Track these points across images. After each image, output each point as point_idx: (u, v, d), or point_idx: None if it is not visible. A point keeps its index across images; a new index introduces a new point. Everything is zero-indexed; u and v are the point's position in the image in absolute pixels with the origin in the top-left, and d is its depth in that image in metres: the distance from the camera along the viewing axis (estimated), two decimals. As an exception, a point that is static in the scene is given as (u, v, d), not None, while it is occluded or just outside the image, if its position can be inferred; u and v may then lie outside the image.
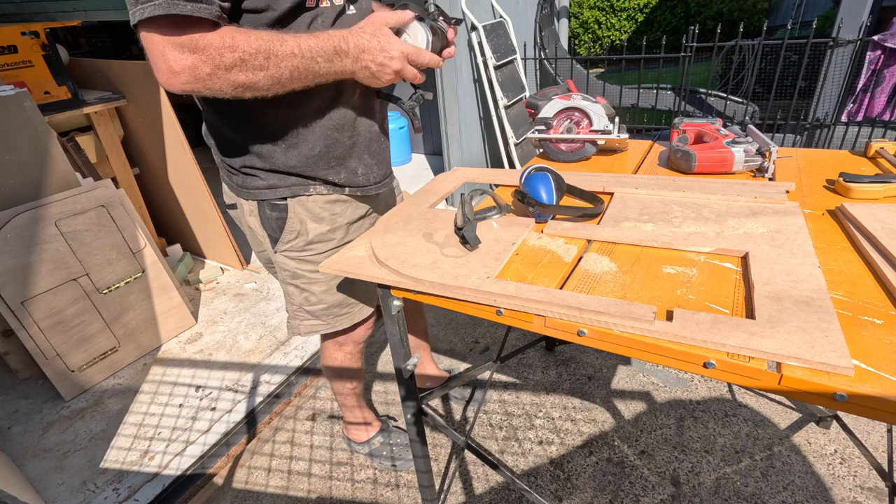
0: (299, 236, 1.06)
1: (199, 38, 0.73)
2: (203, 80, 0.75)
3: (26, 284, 1.74)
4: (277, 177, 1.00)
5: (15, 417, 1.84)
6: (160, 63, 0.74)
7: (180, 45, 0.72)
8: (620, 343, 0.67)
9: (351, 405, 1.51)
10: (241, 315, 2.37)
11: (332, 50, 0.81)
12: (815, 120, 3.20)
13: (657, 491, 1.43)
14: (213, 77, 0.75)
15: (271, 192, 1.01)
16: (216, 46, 0.73)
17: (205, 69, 0.74)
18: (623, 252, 0.86)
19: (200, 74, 0.74)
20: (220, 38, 0.74)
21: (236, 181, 1.04)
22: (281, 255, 1.09)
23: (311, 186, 1.03)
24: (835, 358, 0.56)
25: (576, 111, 1.35)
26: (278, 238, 1.06)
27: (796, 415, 1.63)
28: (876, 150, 1.18)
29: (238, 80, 0.77)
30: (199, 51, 0.73)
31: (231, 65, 0.75)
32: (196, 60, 0.73)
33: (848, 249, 0.82)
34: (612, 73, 7.61)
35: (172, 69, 0.74)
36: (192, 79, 0.75)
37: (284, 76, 0.79)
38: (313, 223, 1.05)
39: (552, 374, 1.89)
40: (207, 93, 0.78)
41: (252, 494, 1.53)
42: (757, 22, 8.04)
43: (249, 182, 1.01)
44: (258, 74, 0.77)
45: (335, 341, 1.30)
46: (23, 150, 1.77)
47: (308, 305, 1.17)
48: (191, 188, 2.46)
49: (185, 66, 0.73)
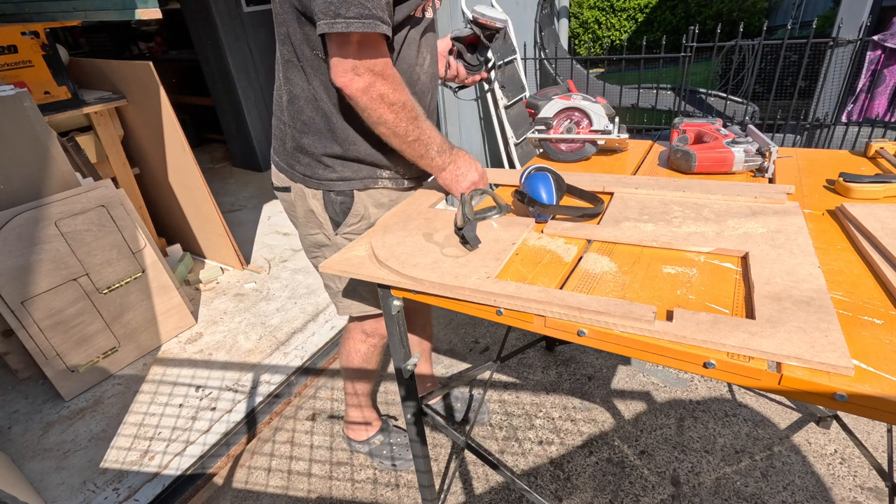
0: (363, 220, 1.13)
1: (385, 66, 0.88)
2: (370, 98, 0.88)
3: (26, 284, 1.74)
4: (352, 169, 1.08)
5: (15, 417, 1.84)
6: (344, 64, 0.86)
7: (372, 65, 0.86)
8: (620, 343, 0.67)
9: (356, 404, 1.51)
10: (241, 315, 2.37)
11: (442, 142, 1.02)
12: (815, 120, 3.20)
13: (657, 491, 1.43)
14: (376, 101, 0.89)
15: (344, 183, 1.09)
16: (395, 82, 0.89)
17: (377, 91, 0.88)
18: (623, 252, 0.86)
19: (372, 93, 0.88)
20: (398, 77, 0.90)
21: (301, 171, 1.09)
22: (342, 237, 1.15)
23: (380, 180, 1.11)
24: (835, 358, 0.56)
25: (576, 111, 1.35)
26: (341, 221, 1.13)
27: (796, 415, 1.63)
28: (876, 150, 1.18)
29: (387, 118, 0.91)
30: (380, 75, 0.87)
31: (394, 102, 0.90)
32: (376, 81, 0.87)
33: (848, 249, 0.82)
34: (612, 73, 7.61)
35: (354, 76, 0.86)
36: (362, 91, 0.87)
37: (410, 138, 0.95)
38: (375, 208, 1.14)
39: (552, 374, 1.89)
40: (358, 106, 0.90)
41: (252, 494, 1.53)
42: (757, 22, 8.04)
43: (320, 173, 1.08)
44: (402, 124, 0.93)
45: (363, 331, 1.32)
46: (23, 150, 1.77)
47: (361, 287, 1.20)
48: (191, 188, 2.46)
49: (367, 82, 0.87)
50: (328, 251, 1.19)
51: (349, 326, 1.36)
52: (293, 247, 3.00)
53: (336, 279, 1.23)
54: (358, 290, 1.22)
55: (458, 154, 1.05)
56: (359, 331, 1.33)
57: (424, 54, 1.05)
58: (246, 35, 3.84)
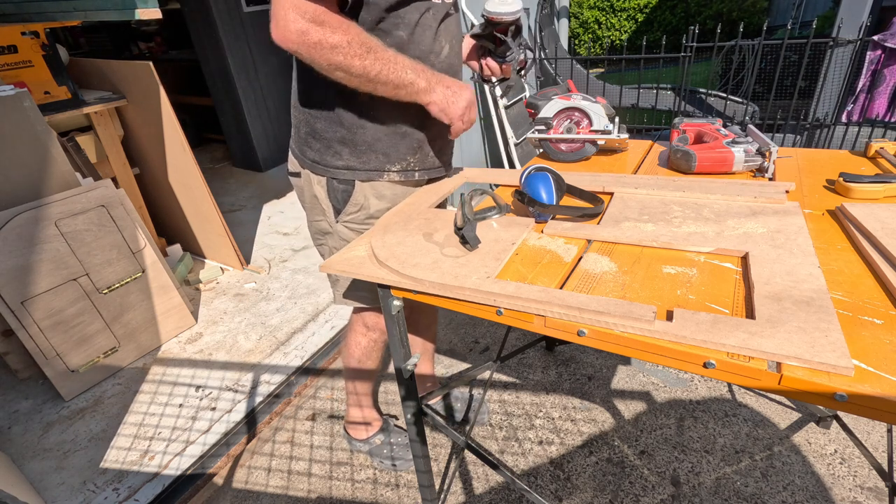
0: (362, 209, 1.12)
1: (322, 13, 0.83)
2: (308, 46, 0.84)
3: (26, 284, 1.73)
4: (361, 159, 1.06)
5: (15, 417, 1.84)
6: (280, 19, 0.83)
7: (303, 12, 0.82)
8: (620, 343, 0.67)
9: (357, 403, 1.52)
10: (241, 315, 2.37)
11: (421, 69, 0.93)
12: (815, 120, 3.20)
13: (657, 491, 1.43)
14: (318, 47, 0.84)
15: (349, 172, 1.08)
16: (332, 24, 0.84)
17: (313, 37, 0.83)
18: (623, 252, 0.86)
19: (308, 41, 0.83)
20: (339, 20, 0.84)
21: (311, 156, 1.09)
22: (342, 226, 1.15)
23: (387, 173, 1.09)
24: (835, 358, 0.56)
25: (576, 111, 1.35)
26: (342, 209, 1.12)
27: (796, 415, 1.63)
28: (876, 150, 1.18)
29: (335, 60, 0.86)
30: (316, 21, 0.83)
31: (335, 44, 0.84)
32: (310, 27, 0.82)
33: (848, 249, 0.82)
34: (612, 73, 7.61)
35: (287, 27, 0.83)
36: (299, 41, 0.84)
37: (373, 72, 0.89)
38: (375, 199, 1.12)
39: (552, 374, 1.89)
40: (304, 58, 0.87)
41: (252, 494, 1.53)
42: (757, 22, 8.04)
43: (328, 160, 1.07)
44: (354, 61, 0.87)
45: (365, 324, 1.32)
46: (23, 150, 1.77)
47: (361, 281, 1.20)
48: (191, 188, 2.46)
49: (299, 28, 0.82)
50: (330, 239, 1.20)
51: (352, 318, 1.37)
52: (293, 247, 3.00)
53: None
54: (358, 283, 1.22)
55: (443, 75, 0.98)
56: (360, 323, 1.34)
57: (443, 43, 1.04)
58: (246, 35, 3.84)
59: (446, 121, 1.01)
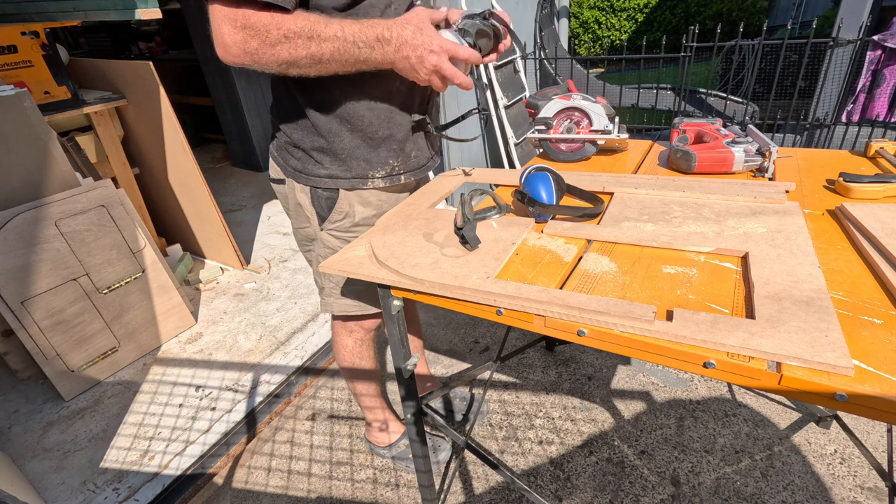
0: (346, 217, 1.10)
1: (250, 15, 0.78)
2: (251, 55, 0.81)
3: (26, 284, 1.74)
4: (342, 166, 1.04)
5: (15, 417, 1.84)
6: (217, 36, 0.80)
7: (233, 20, 0.79)
8: (620, 343, 0.67)
9: (370, 406, 1.50)
10: (241, 315, 2.37)
11: (374, 37, 0.83)
12: (815, 120, 3.20)
13: (657, 491, 1.43)
14: (260, 52, 0.81)
15: (332, 181, 1.05)
16: (263, 23, 0.79)
17: (252, 44, 0.80)
18: (623, 252, 0.86)
19: (249, 49, 0.80)
20: (270, 16, 0.79)
21: (294, 165, 1.07)
22: (326, 234, 1.13)
23: (371, 180, 1.07)
24: (835, 358, 0.56)
25: (576, 111, 1.35)
26: (326, 217, 1.10)
27: (796, 415, 1.63)
28: (876, 150, 1.18)
29: (281, 57, 0.82)
30: (248, 27, 0.79)
31: (275, 41, 0.80)
32: (245, 36, 0.79)
33: (848, 249, 0.82)
34: (612, 73, 7.61)
35: (225, 42, 0.80)
36: (241, 52, 0.81)
37: (325, 56, 0.83)
38: (361, 206, 1.10)
39: (552, 374, 1.89)
40: (256, 67, 0.84)
41: (252, 494, 1.53)
42: (757, 22, 8.05)
43: (311, 169, 1.05)
44: (300, 52, 0.82)
45: (345, 327, 1.31)
46: (23, 150, 1.77)
47: (345, 285, 1.19)
48: (191, 188, 2.46)
49: (236, 40, 0.80)
50: (317, 246, 1.18)
51: (333, 324, 1.35)
52: (293, 247, 3.00)
53: (322, 276, 1.23)
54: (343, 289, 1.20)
55: (404, 36, 0.83)
56: (341, 326, 1.32)
57: None
58: (246, 35, 3.84)
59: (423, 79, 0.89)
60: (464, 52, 0.87)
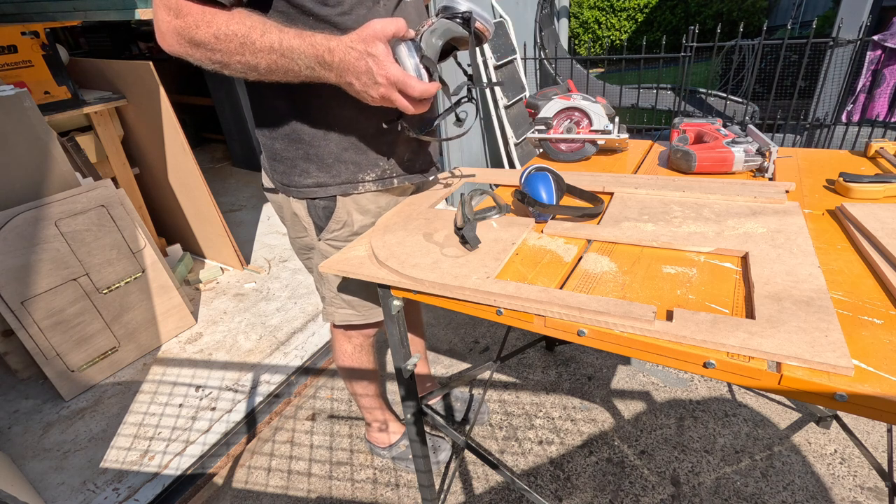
0: (345, 227, 1.07)
1: (183, 5, 0.72)
2: (185, 46, 0.76)
3: (26, 284, 1.74)
4: (330, 172, 0.99)
5: (15, 417, 1.84)
6: (156, 22, 0.75)
7: (167, 7, 0.73)
8: (620, 343, 0.67)
9: (370, 406, 1.49)
10: (241, 315, 2.37)
11: (314, 58, 0.76)
12: (815, 120, 3.20)
13: (657, 491, 1.43)
14: (191, 47, 0.76)
15: (322, 189, 1.01)
16: (194, 17, 0.73)
17: (186, 35, 0.74)
18: (623, 252, 0.86)
19: (182, 40, 0.75)
20: (202, 11, 0.73)
21: (279, 179, 1.03)
22: (325, 244, 1.10)
23: (362, 184, 1.02)
24: (835, 358, 0.56)
25: (576, 111, 1.35)
26: (324, 227, 1.07)
27: (796, 415, 1.63)
28: (876, 150, 1.18)
29: (214, 58, 0.77)
30: (181, 16, 0.73)
31: (202, 41, 0.74)
32: (178, 25, 0.74)
33: (848, 249, 0.82)
34: (612, 73, 7.62)
35: (161, 29, 0.75)
36: (176, 42, 0.75)
37: (261, 67, 0.77)
38: (359, 215, 1.06)
39: (552, 374, 1.89)
40: (193, 60, 0.78)
41: (252, 494, 1.53)
42: (757, 22, 8.05)
43: (297, 180, 1.01)
44: (232, 58, 0.76)
45: (345, 333, 1.30)
46: (23, 150, 1.77)
47: (346, 294, 1.17)
48: (191, 188, 2.46)
49: (171, 28, 0.74)
50: (315, 255, 1.15)
51: (333, 330, 1.34)
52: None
53: (323, 285, 1.20)
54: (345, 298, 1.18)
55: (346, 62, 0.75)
56: (339, 333, 1.31)
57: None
58: (246, 35, 3.84)
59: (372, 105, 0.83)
60: (414, 88, 0.76)
